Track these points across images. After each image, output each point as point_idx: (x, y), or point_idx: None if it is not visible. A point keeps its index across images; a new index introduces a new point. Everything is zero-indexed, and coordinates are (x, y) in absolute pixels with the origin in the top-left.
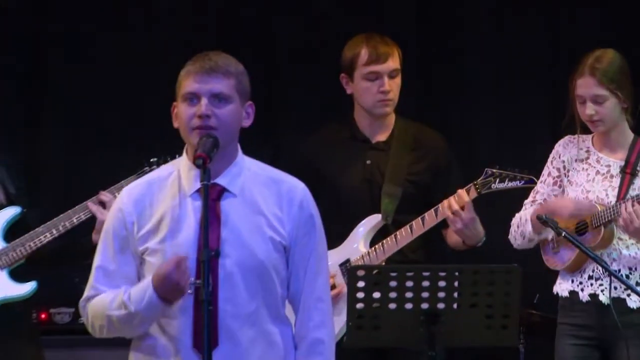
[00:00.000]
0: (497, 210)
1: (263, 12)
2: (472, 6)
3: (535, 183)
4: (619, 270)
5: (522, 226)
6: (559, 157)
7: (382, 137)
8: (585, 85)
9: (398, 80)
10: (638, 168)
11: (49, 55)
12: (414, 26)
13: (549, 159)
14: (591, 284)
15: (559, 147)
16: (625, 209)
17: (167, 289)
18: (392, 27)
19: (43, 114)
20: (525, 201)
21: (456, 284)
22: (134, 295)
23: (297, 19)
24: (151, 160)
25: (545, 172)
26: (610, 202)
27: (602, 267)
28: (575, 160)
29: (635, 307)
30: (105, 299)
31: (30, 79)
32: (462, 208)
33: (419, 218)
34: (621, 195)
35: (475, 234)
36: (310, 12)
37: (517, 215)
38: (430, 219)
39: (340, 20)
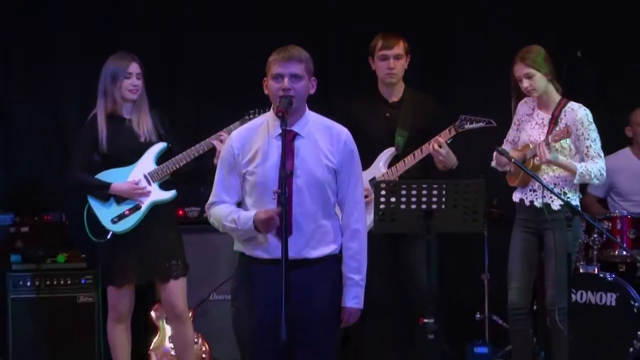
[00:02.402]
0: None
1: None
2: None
3: (493, 124)
4: (548, 184)
5: (497, 158)
6: (518, 113)
7: (395, 98)
8: (519, 69)
9: (402, 62)
10: (559, 119)
11: (185, 30)
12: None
13: (514, 114)
14: (531, 194)
15: (519, 106)
16: (539, 148)
17: (261, 226)
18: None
19: (178, 79)
20: (505, 140)
21: (444, 192)
22: (241, 218)
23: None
24: (250, 112)
25: (513, 122)
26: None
27: (538, 181)
28: (526, 115)
29: (557, 209)
30: (224, 211)
31: (169, 50)
32: (440, 146)
33: (418, 149)
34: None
35: (449, 162)
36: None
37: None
38: (425, 150)
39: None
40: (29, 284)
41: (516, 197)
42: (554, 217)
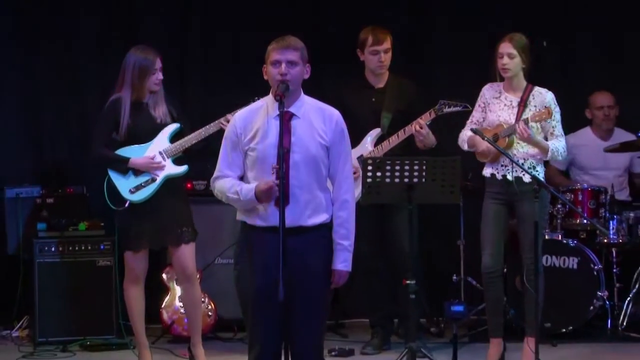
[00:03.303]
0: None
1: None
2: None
3: (469, 108)
4: (518, 161)
5: (465, 136)
6: (484, 96)
7: (381, 85)
8: (505, 46)
9: (389, 54)
10: (528, 102)
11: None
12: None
13: (479, 97)
14: (503, 169)
15: (484, 89)
16: (519, 126)
17: (261, 197)
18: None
19: (186, 71)
20: (467, 122)
21: (424, 168)
22: (243, 190)
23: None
24: (254, 99)
25: (477, 104)
26: (511, 122)
27: (509, 158)
28: (493, 97)
29: (527, 182)
30: (227, 184)
31: (178, 44)
32: (422, 127)
33: (402, 130)
34: (517, 119)
35: (429, 141)
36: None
37: (461, 132)
38: (408, 131)
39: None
40: (53, 249)
41: (487, 172)
42: (525, 189)
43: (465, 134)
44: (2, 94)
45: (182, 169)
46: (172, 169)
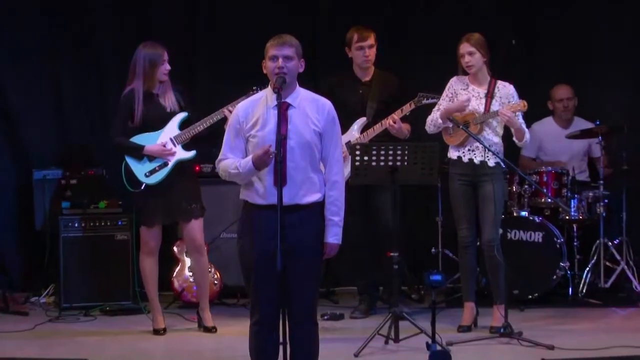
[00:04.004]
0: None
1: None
2: None
3: None
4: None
5: (433, 120)
6: (453, 87)
7: (367, 78)
8: (464, 47)
9: (374, 49)
10: (494, 93)
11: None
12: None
13: (447, 88)
14: (470, 152)
15: (452, 82)
16: (502, 110)
17: (259, 162)
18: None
19: (196, 66)
20: (434, 109)
21: (406, 152)
22: (242, 163)
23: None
24: (253, 88)
25: (444, 94)
26: (481, 112)
27: (479, 142)
28: (461, 89)
29: (492, 165)
30: (229, 162)
31: (186, 41)
32: (395, 122)
33: (379, 122)
34: (487, 109)
35: (401, 134)
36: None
37: (429, 116)
38: (384, 124)
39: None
40: (76, 225)
41: (453, 154)
42: (489, 171)
43: (434, 116)
44: (31, 89)
45: (191, 154)
46: (182, 154)
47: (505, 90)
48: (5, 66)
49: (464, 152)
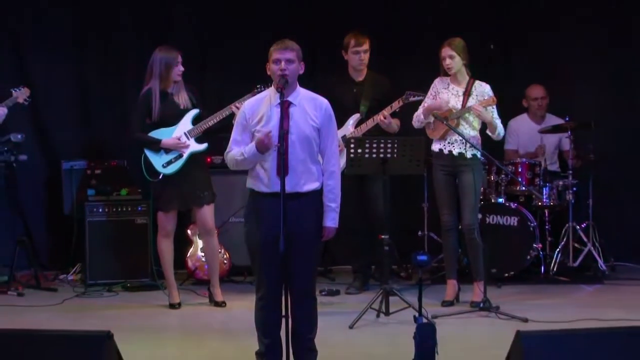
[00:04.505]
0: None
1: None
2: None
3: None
4: (470, 139)
5: (418, 116)
6: (436, 86)
7: (361, 79)
8: (445, 51)
9: (368, 54)
10: (471, 91)
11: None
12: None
13: (431, 87)
14: (449, 145)
15: (436, 82)
16: (475, 106)
17: (261, 146)
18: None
19: (206, 67)
20: (420, 106)
21: (395, 145)
22: (247, 149)
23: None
24: (258, 86)
25: (429, 93)
26: (458, 108)
27: (459, 134)
28: (442, 88)
29: (469, 156)
30: (235, 152)
31: (200, 46)
32: (385, 117)
33: (371, 118)
34: (463, 105)
35: (390, 129)
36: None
37: (415, 113)
38: (376, 119)
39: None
40: (100, 210)
41: (435, 147)
42: (468, 162)
43: (419, 112)
44: (59, 88)
45: (203, 146)
46: (196, 147)
47: (482, 88)
48: (36, 66)
49: (444, 145)
